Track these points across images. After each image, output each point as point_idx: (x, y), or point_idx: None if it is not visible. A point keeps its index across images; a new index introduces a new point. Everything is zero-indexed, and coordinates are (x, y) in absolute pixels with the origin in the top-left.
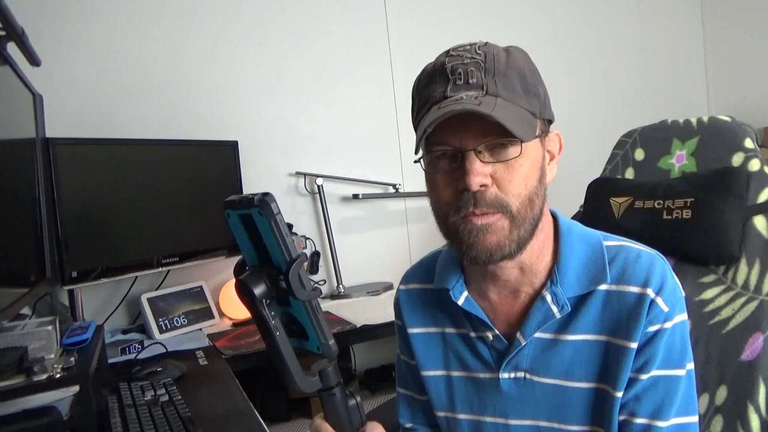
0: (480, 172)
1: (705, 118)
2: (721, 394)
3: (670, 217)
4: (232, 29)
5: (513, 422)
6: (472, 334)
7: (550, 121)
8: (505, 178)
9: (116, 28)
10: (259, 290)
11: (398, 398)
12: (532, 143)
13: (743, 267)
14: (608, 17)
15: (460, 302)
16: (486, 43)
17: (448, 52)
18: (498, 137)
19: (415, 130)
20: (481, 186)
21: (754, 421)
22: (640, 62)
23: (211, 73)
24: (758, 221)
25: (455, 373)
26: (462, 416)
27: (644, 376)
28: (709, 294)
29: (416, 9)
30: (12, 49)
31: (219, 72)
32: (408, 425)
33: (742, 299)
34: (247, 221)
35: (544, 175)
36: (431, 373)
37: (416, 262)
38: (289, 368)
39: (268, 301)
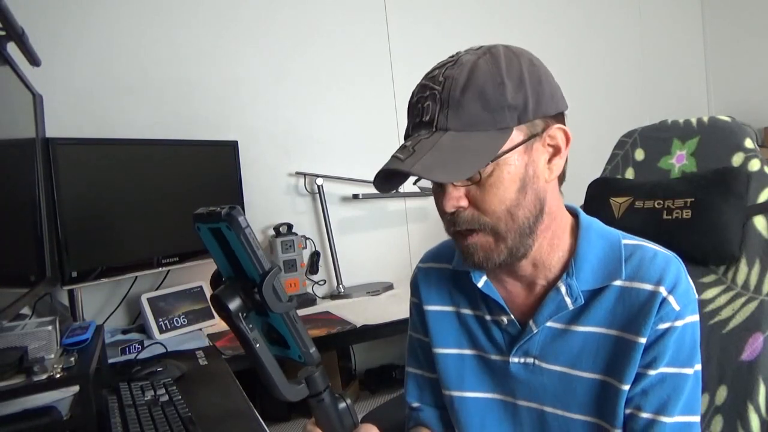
0: (453, 196)
1: (705, 118)
2: (721, 394)
3: (670, 217)
4: (233, 29)
5: (521, 403)
6: (488, 317)
7: (554, 115)
8: (478, 198)
9: (116, 28)
10: (234, 305)
11: (407, 377)
12: (509, 155)
13: (743, 267)
14: (608, 17)
15: (480, 285)
16: (456, 61)
17: (424, 77)
18: None
19: None
20: (459, 207)
21: (754, 421)
22: (640, 62)
23: (211, 73)
24: (758, 221)
25: (467, 352)
26: (470, 394)
27: (652, 372)
28: (709, 294)
29: (416, 9)
30: (12, 49)
31: (219, 72)
32: (415, 404)
33: (742, 299)
34: (218, 234)
35: (528, 183)
36: (443, 350)
37: (435, 245)
38: (272, 379)
39: (245, 315)
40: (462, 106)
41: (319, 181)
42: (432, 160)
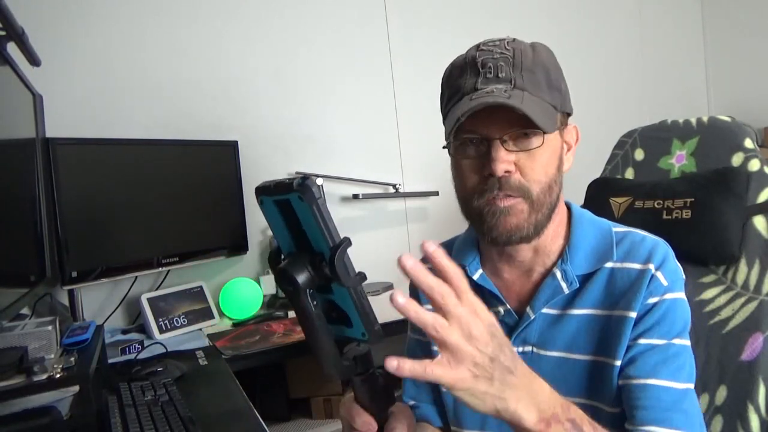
0: (505, 160)
1: (705, 118)
2: (721, 394)
3: (669, 217)
4: (233, 29)
5: None
6: None
7: (569, 114)
8: (527, 165)
9: (116, 28)
10: (302, 278)
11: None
12: (552, 134)
13: (743, 267)
14: (608, 17)
15: (475, 277)
16: (513, 40)
17: (478, 46)
18: (522, 128)
19: (444, 118)
20: (506, 172)
21: (754, 421)
22: (640, 62)
23: (211, 73)
24: (758, 221)
25: None
26: None
27: (642, 341)
28: (709, 294)
29: (416, 9)
30: (12, 49)
31: (219, 72)
32: (411, 403)
33: (742, 299)
34: (284, 207)
35: (561, 164)
36: None
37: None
38: (329, 356)
39: (311, 291)
40: (534, 73)
41: (319, 181)
42: (526, 108)
